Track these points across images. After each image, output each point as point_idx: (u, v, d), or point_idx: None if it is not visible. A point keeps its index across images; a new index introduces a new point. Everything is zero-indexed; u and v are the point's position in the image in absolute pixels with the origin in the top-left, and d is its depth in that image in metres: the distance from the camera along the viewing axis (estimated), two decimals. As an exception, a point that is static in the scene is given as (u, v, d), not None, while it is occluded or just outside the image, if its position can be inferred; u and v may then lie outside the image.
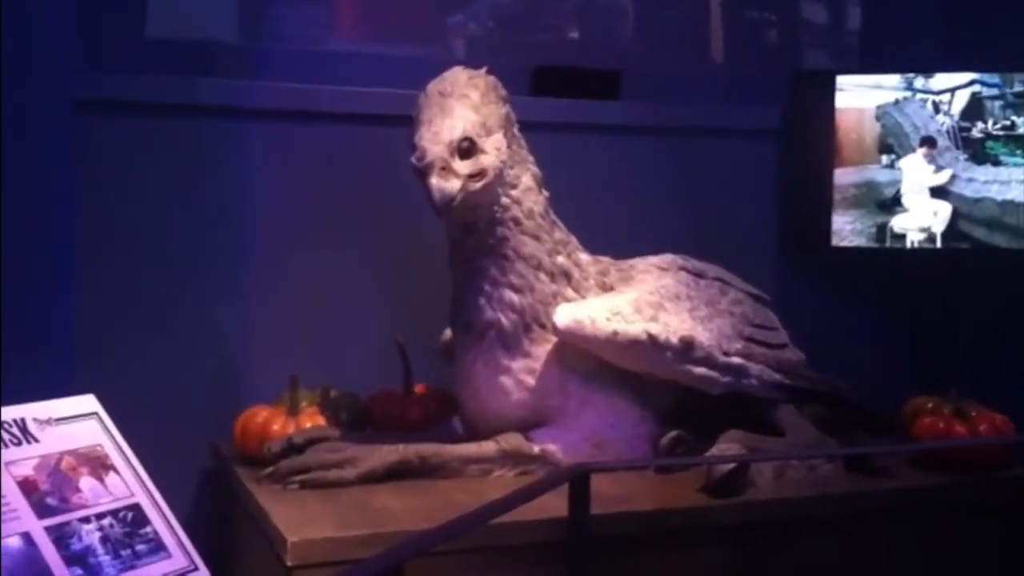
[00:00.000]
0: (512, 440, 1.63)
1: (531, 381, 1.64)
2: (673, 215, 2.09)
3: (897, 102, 2.12)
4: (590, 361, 1.63)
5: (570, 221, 1.71)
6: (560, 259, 1.66)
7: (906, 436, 1.79)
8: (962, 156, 2.11)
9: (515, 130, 1.66)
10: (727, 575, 1.51)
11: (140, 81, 1.81)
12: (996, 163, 2.09)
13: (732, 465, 1.54)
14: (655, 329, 1.63)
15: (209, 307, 1.85)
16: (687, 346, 1.65)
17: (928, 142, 2.12)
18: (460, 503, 1.48)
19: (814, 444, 1.73)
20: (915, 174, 2.12)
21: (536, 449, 1.63)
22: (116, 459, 1.30)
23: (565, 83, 2.08)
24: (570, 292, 1.66)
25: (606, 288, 1.70)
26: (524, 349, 1.63)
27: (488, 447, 1.62)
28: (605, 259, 1.76)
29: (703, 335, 1.68)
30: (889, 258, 2.17)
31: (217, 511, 1.77)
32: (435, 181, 1.53)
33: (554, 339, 1.63)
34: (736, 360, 1.71)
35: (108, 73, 1.78)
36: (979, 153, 2.10)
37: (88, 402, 1.35)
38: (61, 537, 1.18)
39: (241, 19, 2.07)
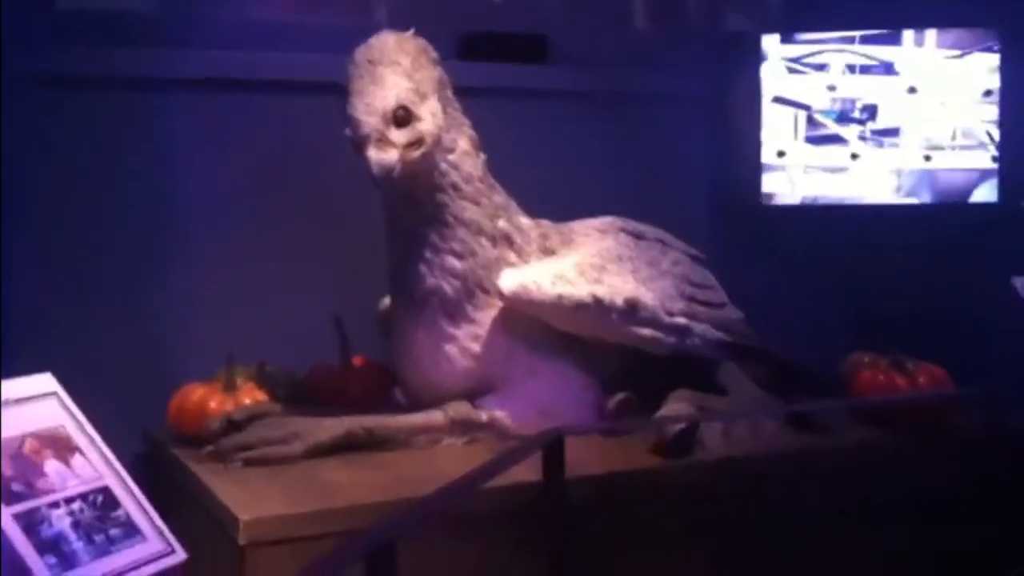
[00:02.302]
0: (460, 408, 1.60)
1: (476, 348, 1.61)
2: (607, 178, 2.08)
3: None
4: (535, 327, 1.61)
5: (505, 186, 1.68)
6: (501, 223, 1.64)
7: (847, 392, 1.80)
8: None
9: (448, 92, 1.62)
10: (681, 534, 1.50)
11: (53, 54, 1.72)
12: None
13: (682, 425, 1.53)
14: (600, 291, 1.61)
15: (139, 285, 1.79)
16: (632, 307, 1.64)
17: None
18: (411, 475, 1.46)
19: (758, 402, 1.74)
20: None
21: (484, 417, 1.60)
22: (80, 440, 1.24)
23: (493, 47, 2.05)
24: (512, 257, 1.64)
25: (548, 252, 1.68)
26: (468, 316, 1.61)
27: (436, 416, 1.59)
28: (545, 222, 1.74)
29: (647, 296, 1.67)
30: (819, 216, 2.19)
31: (152, 497, 1.70)
32: (372, 154, 1.49)
33: (498, 305, 1.61)
34: (680, 320, 1.70)
35: (19, 47, 1.69)
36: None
37: (46, 381, 1.29)
38: (31, 524, 1.12)
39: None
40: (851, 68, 2.15)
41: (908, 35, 2.13)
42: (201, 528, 1.42)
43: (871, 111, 2.14)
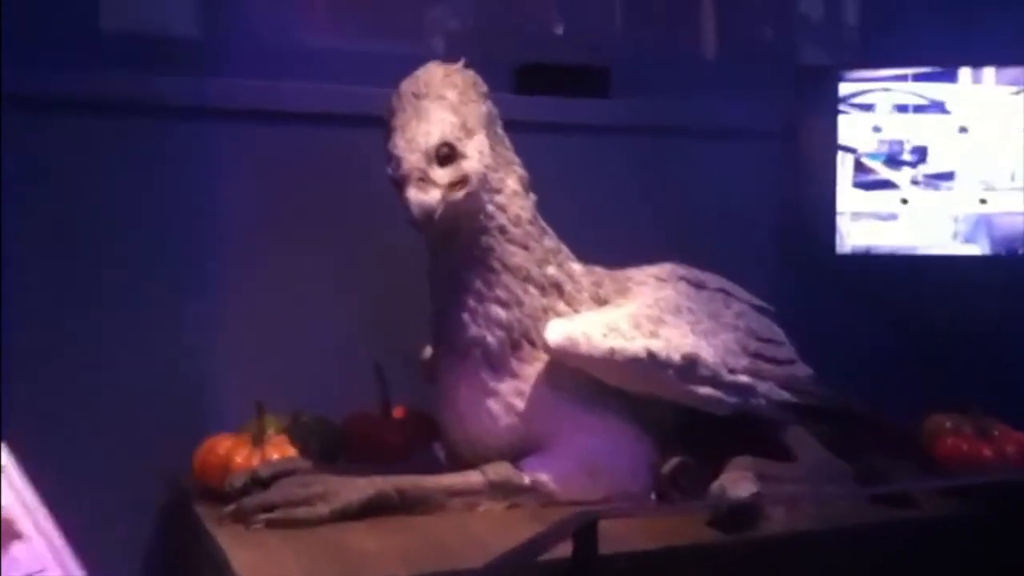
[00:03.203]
0: (500, 470, 1.49)
1: (520, 404, 1.50)
2: (668, 221, 1.96)
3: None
4: (584, 381, 1.50)
5: (558, 228, 1.57)
6: (550, 270, 1.53)
7: (926, 457, 1.65)
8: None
9: (498, 129, 1.53)
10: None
11: (90, 77, 1.66)
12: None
13: (744, 496, 1.40)
14: (656, 346, 1.49)
15: (164, 326, 1.70)
16: (690, 364, 1.52)
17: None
18: (443, 542, 1.35)
19: (828, 468, 1.59)
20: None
21: (527, 479, 1.49)
22: (25, 524, 1.12)
23: (551, 80, 1.94)
24: (562, 306, 1.53)
25: (601, 301, 1.57)
26: (512, 369, 1.50)
27: (474, 478, 1.48)
28: (599, 269, 1.62)
29: (707, 351, 1.55)
30: (897, 265, 2.04)
31: (175, 550, 1.62)
32: (412, 194, 1.40)
33: (545, 358, 1.50)
34: (743, 378, 1.58)
35: (56, 69, 1.64)
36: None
37: (-6, 455, 1.17)
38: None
39: (203, 11, 1.92)
40: (899, 108, 2.01)
41: (965, 72, 2.00)
42: (216, 595, 1.33)
43: (921, 153, 2.01)
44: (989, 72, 2.00)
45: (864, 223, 2.02)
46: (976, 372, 1.98)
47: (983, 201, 2.00)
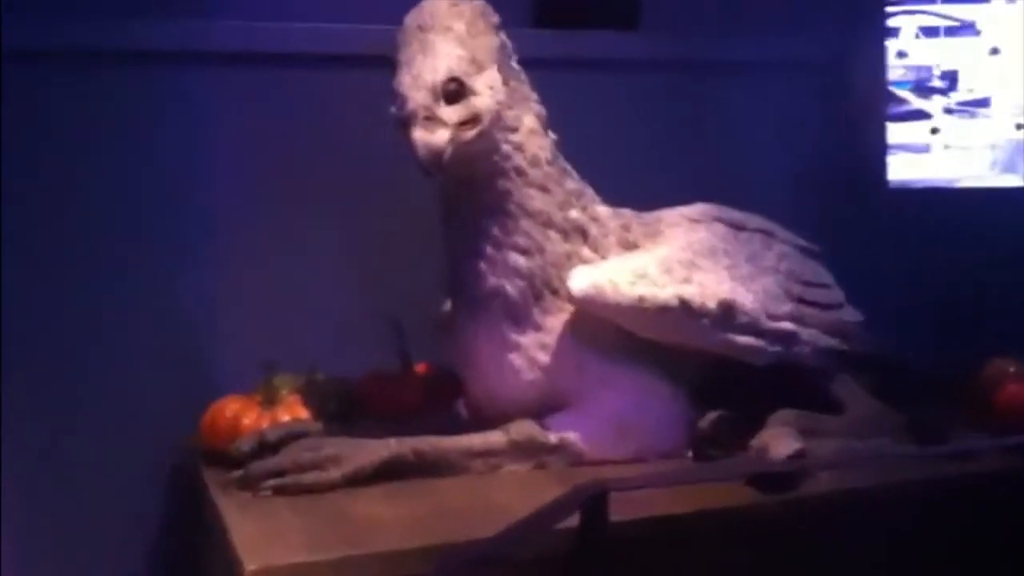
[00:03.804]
0: (524, 429, 1.39)
1: (544, 358, 1.41)
2: (703, 161, 1.83)
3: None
4: (612, 332, 1.40)
5: (582, 171, 1.46)
6: (573, 213, 1.43)
7: (987, 406, 1.53)
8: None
9: (512, 63, 1.42)
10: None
11: (64, 24, 1.55)
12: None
13: (786, 455, 1.30)
14: (689, 292, 1.39)
15: (169, 285, 1.61)
16: (727, 311, 1.41)
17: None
18: (461, 508, 1.26)
19: (878, 421, 1.49)
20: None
21: (552, 438, 1.39)
22: None
23: (573, 11, 1.81)
24: (587, 252, 1.43)
25: (629, 246, 1.47)
26: (535, 321, 1.40)
27: (496, 438, 1.39)
28: (627, 212, 1.51)
29: (746, 297, 1.44)
30: (944, 200, 1.90)
31: (184, 518, 1.56)
32: (419, 135, 1.30)
33: (569, 308, 1.40)
34: (785, 325, 1.47)
35: (41, 19, 1.54)
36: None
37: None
38: None
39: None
40: (926, 31, 1.86)
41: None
42: (218, 565, 1.25)
43: (951, 78, 1.86)
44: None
45: (897, 157, 1.88)
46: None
47: (1020, 126, 1.86)
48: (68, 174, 1.58)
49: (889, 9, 1.87)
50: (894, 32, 1.87)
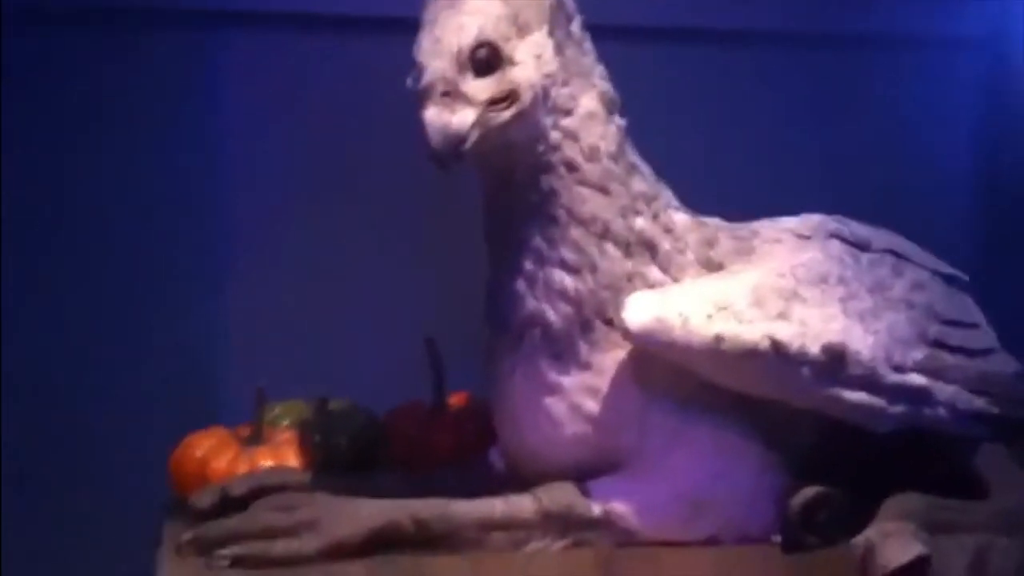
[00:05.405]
0: (559, 495, 1.11)
1: (592, 406, 1.13)
2: (820, 160, 1.62)
3: None
4: (683, 377, 1.11)
5: (657, 167, 1.19)
6: (640, 222, 1.14)
7: None
8: None
9: (573, 26, 1.14)
10: None
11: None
12: None
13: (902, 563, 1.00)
14: (784, 333, 1.09)
15: (169, 297, 1.51)
16: (836, 358, 1.11)
17: None
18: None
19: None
20: None
21: (596, 509, 1.11)
22: None
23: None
24: (654, 272, 1.14)
25: (712, 266, 1.17)
26: (581, 358, 1.13)
27: (523, 505, 1.11)
28: (714, 221, 1.22)
29: (863, 340, 1.14)
30: None
31: None
32: (432, 114, 1.06)
33: (627, 343, 1.12)
34: (915, 378, 1.16)
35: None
36: None
37: None
38: None
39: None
40: None
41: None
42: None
43: None
44: None
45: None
46: None
47: None
48: (70, 156, 1.49)
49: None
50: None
